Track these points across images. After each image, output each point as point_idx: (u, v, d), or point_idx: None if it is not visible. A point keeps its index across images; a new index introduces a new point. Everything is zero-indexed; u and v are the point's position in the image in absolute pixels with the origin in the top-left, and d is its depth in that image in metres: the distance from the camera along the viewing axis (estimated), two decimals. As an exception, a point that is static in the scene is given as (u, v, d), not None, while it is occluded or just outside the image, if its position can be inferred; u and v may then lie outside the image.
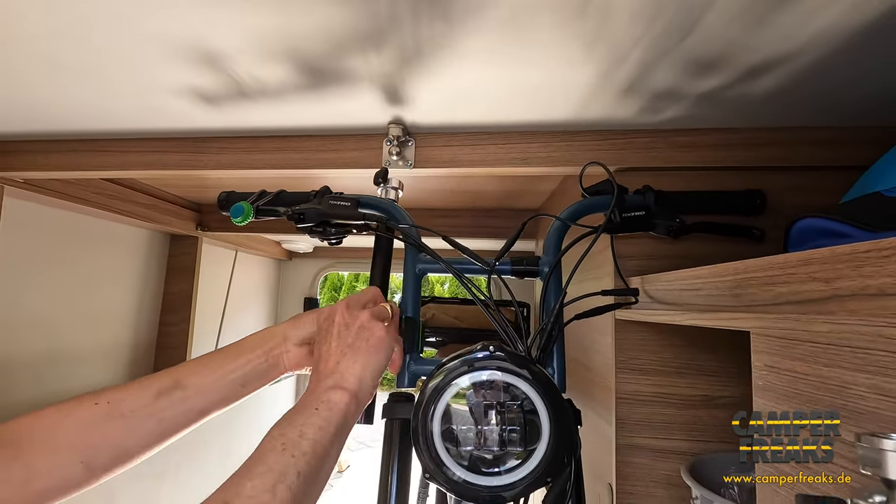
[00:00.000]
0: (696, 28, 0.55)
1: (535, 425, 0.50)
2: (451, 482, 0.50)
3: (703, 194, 0.72)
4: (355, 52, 0.61)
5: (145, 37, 0.58)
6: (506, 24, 0.54)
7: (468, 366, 0.52)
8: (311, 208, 0.71)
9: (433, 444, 0.51)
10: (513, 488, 0.49)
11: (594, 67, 0.64)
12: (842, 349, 0.34)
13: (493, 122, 0.84)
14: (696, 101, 0.73)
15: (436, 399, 0.52)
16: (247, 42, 0.59)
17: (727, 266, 0.51)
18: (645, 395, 0.81)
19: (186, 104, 0.77)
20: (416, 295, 0.70)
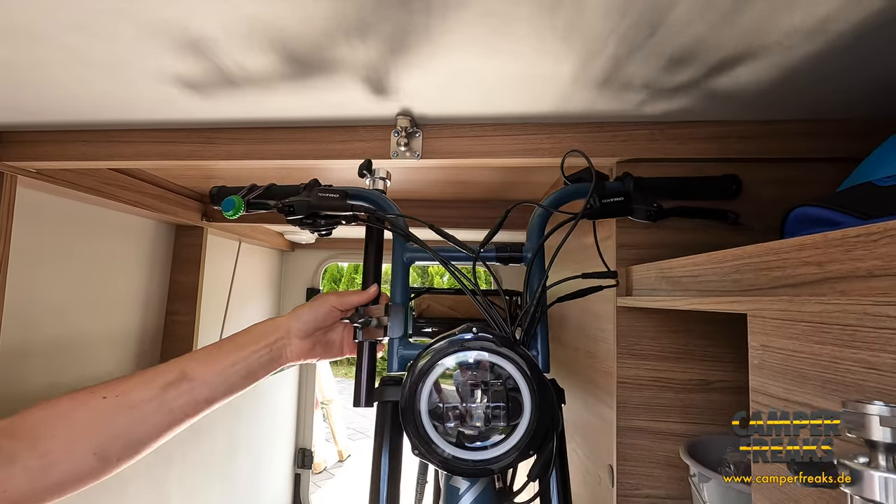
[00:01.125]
0: (663, 24, 0.56)
1: (518, 402, 0.53)
2: (439, 458, 0.53)
3: (680, 180, 0.74)
4: (345, 42, 0.62)
5: (151, 27, 0.60)
6: (486, 16, 0.56)
7: (454, 346, 0.54)
8: (301, 201, 0.73)
9: (421, 422, 0.53)
10: (498, 461, 0.52)
11: (569, 64, 0.66)
12: (832, 327, 0.36)
13: (498, 113, 0.86)
14: (691, 96, 0.76)
15: (423, 379, 0.54)
16: (250, 34, 0.61)
17: (726, 253, 0.54)
18: (645, 379, 0.84)
19: (194, 95, 0.79)
20: (404, 283, 0.72)
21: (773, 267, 0.46)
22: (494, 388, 0.54)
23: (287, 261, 2.72)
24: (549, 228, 0.70)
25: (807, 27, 0.57)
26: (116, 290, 1.50)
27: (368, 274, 0.74)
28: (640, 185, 0.71)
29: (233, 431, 2.05)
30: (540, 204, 0.71)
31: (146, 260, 1.63)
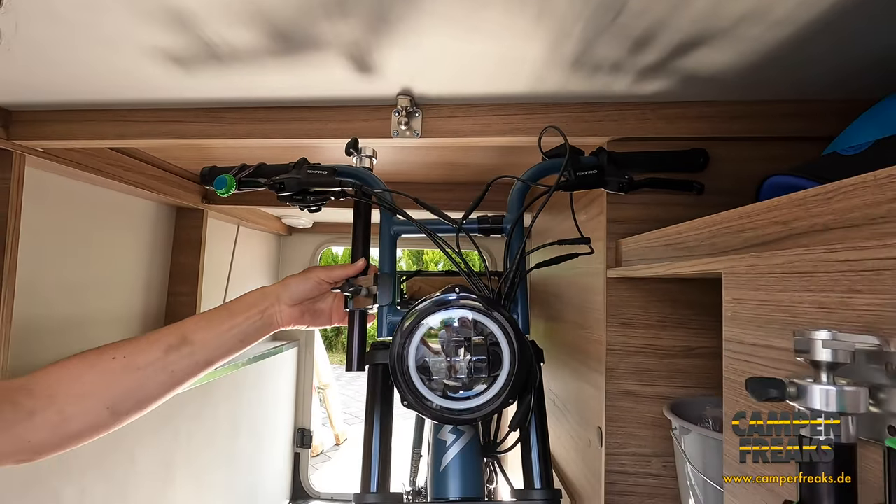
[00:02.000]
0: (625, 8, 0.60)
1: (498, 355, 0.57)
2: (428, 409, 0.57)
3: (651, 154, 0.78)
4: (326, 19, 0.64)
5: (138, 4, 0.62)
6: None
7: (437, 306, 0.58)
8: (291, 178, 0.76)
9: (409, 376, 0.57)
10: (481, 409, 0.56)
11: (541, 45, 0.70)
12: (792, 276, 0.41)
13: (489, 93, 0.90)
14: (673, 77, 0.80)
15: (410, 336, 0.58)
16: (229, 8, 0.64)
17: (705, 219, 0.58)
18: (632, 346, 0.89)
19: (193, 74, 0.82)
20: (392, 254, 0.76)
21: (747, 228, 0.51)
22: (476, 343, 0.58)
23: (284, 245, 2.75)
24: (528, 202, 0.74)
25: (753, 14, 0.61)
26: (120, 271, 1.53)
27: (357, 247, 0.78)
28: (614, 158, 0.75)
29: (235, 412, 2.10)
30: (518, 178, 0.74)
31: (148, 242, 1.66)
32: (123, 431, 1.40)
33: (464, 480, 0.67)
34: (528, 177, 0.76)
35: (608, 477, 0.89)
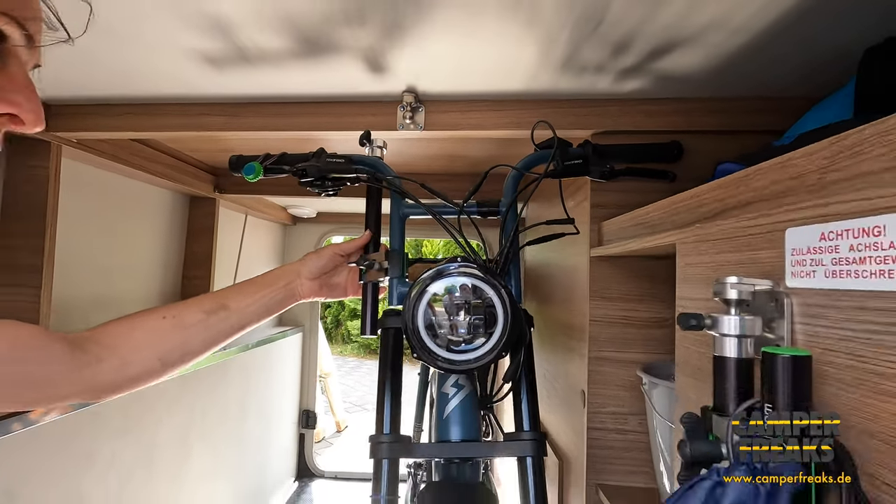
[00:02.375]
0: (604, 19, 0.71)
1: (494, 315, 0.67)
2: (435, 360, 0.67)
3: (632, 146, 0.88)
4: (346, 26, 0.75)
5: (179, 9, 0.72)
6: (464, 8, 0.70)
7: (442, 273, 0.68)
8: (312, 165, 0.86)
9: (420, 334, 0.68)
10: (479, 360, 0.67)
11: (531, 50, 0.80)
12: (722, 241, 0.51)
13: (490, 90, 1.00)
14: (650, 77, 0.90)
15: (419, 300, 0.68)
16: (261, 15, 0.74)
17: (666, 200, 0.69)
18: (612, 317, 1.00)
19: (220, 73, 0.92)
20: (401, 233, 0.87)
21: (697, 206, 0.61)
22: (475, 304, 0.68)
23: (289, 234, 2.85)
24: (521, 188, 0.84)
25: (715, 23, 0.72)
26: (141, 256, 1.63)
27: (369, 226, 0.88)
28: (597, 150, 0.85)
29: (244, 393, 2.21)
30: (513, 167, 0.85)
31: (165, 229, 1.76)
32: (148, 405, 1.51)
33: (463, 426, 0.78)
34: (521, 165, 0.86)
35: (590, 433, 1.00)
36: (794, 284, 0.41)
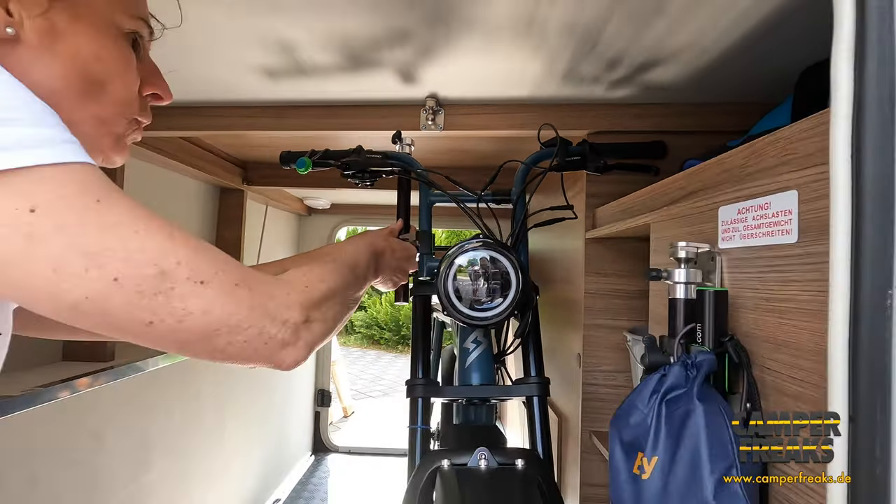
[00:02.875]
0: (599, 42, 0.88)
1: (508, 281, 0.84)
2: (460, 315, 0.84)
3: (623, 144, 1.03)
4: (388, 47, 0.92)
5: (255, 31, 0.89)
6: (485, 35, 0.87)
7: (466, 247, 0.85)
8: (354, 160, 1.03)
9: (450, 297, 0.84)
10: (496, 317, 0.83)
11: (538, 64, 0.98)
12: (681, 219, 0.69)
13: (501, 96, 1.17)
14: (638, 86, 1.07)
15: (448, 269, 0.84)
16: (324, 39, 0.91)
17: (645, 189, 0.86)
18: (604, 291, 1.18)
19: (276, 82, 1.09)
20: (428, 217, 1.04)
21: (664, 194, 0.79)
22: (492, 273, 0.85)
23: (304, 224, 3.03)
24: (528, 180, 1.02)
25: (687, 46, 0.89)
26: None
27: (400, 213, 1.06)
28: (593, 148, 1.01)
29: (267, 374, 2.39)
30: (522, 161, 1.02)
31: (198, 216, 1.94)
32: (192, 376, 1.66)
33: (481, 373, 0.96)
34: (529, 161, 1.03)
35: (584, 389, 1.18)
36: (723, 246, 0.58)
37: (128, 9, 0.46)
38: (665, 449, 0.48)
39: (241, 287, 0.37)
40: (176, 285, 0.34)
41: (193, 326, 0.35)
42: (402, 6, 0.78)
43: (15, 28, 0.38)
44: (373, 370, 7.77)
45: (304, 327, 0.41)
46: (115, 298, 0.31)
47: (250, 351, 0.38)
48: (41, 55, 0.39)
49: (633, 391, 0.55)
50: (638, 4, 0.75)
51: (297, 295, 0.42)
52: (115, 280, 0.31)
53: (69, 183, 0.31)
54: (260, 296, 0.38)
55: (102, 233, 0.31)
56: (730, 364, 0.52)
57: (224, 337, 0.36)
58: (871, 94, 0.29)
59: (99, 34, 0.43)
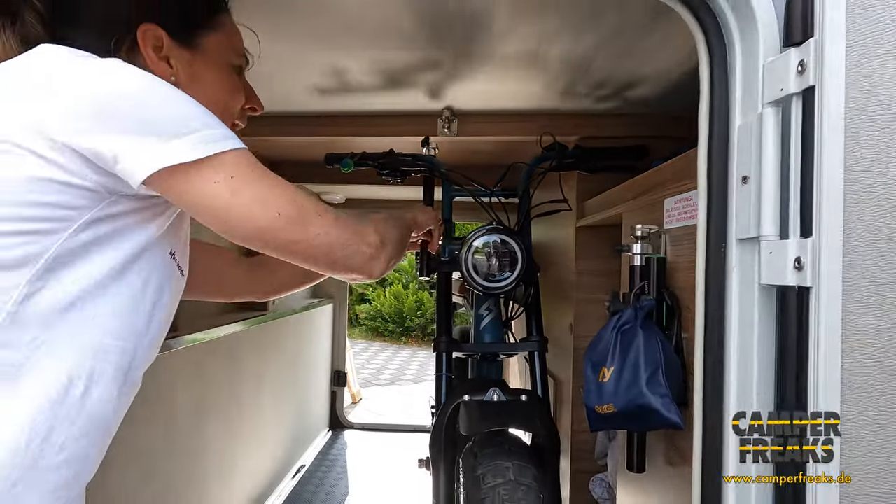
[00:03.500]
0: (589, 69, 1.12)
1: (515, 259, 1.08)
2: (477, 285, 1.08)
3: (610, 148, 1.26)
4: (423, 71, 1.16)
5: (316, 61, 1.13)
6: (498, 64, 1.10)
7: (480, 231, 1.09)
8: (388, 161, 1.26)
9: (469, 270, 1.09)
10: (505, 287, 1.07)
11: (540, 84, 1.22)
12: (643, 209, 0.93)
13: (508, 108, 1.40)
14: (623, 100, 1.30)
15: (469, 249, 1.09)
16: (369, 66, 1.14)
17: (620, 186, 1.10)
18: (591, 270, 1.41)
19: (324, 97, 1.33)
20: (449, 209, 1.28)
21: (632, 189, 1.03)
22: (503, 252, 1.09)
23: (322, 218, 3.26)
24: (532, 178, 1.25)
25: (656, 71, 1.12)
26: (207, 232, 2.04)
27: (427, 204, 1.29)
28: (586, 151, 1.25)
29: (295, 351, 2.64)
30: (527, 163, 1.25)
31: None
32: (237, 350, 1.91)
33: (492, 334, 1.20)
34: (533, 162, 1.26)
35: (575, 353, 1.42)
36: (667, 227, 0.82)
37: (236, 50, 0.67)
38: (618, 362, 0.72)
39: (340, 219, 0.57)
40: (308, 216, 0.53)
41: (321, 243, 0.54)
42: (435, 43, 1.02)
43: (176, 77, 0.60)
44: (378, 360, 8.01)
45: (382, 248, 0.60)
46: (278, 226, 0.51)
47: (352, 262, 0.57)
48: (190, 92, 0.56)
49: (600, 329, 0.79)
50: (614, 48, 0.99)
51: (373, 226, 0.61)
52: (278, 214, 0.51)
53: (245, 160, 0.52)
54: (354, 225, 0.58)
55: (267, 188, 0.52)
56: (667, 308, 0.76)
57: (338, 251, 0.56)
58: (718, 133, 0.52)
59: (222, 72, 0.65)
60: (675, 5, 0.53)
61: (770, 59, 0.46)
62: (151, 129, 0.48)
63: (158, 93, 0.50)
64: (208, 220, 0.53)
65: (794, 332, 0.41)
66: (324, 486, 2.45)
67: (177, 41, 0.59)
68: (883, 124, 0.40)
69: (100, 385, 0.50)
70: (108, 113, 0.47)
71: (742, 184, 0.49)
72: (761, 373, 0.46)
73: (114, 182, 0.49)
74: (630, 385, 0.68)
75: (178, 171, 0.48)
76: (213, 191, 0.50)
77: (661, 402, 0.64)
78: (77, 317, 0.48)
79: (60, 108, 0.46)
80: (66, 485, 0.48)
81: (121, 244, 0.51)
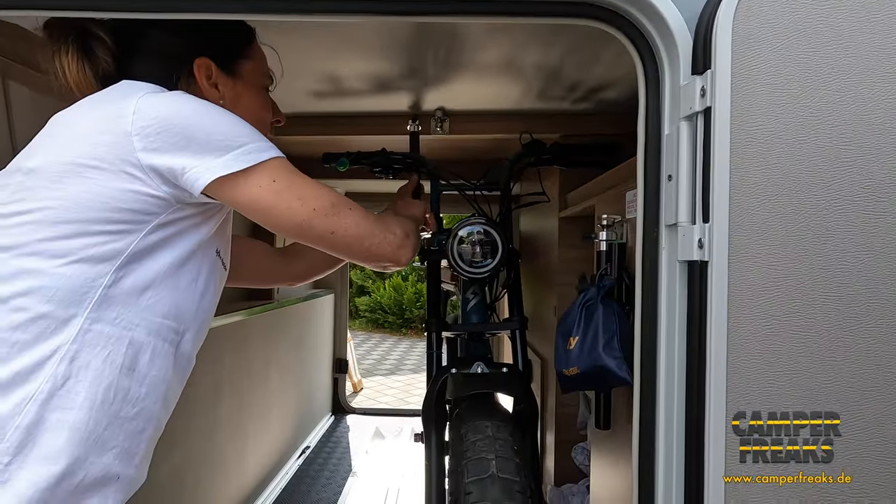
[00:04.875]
0: (559, 75, 1.23)
1: (496, 248, 1.20)
2: (462, 271, 1.20)
3: (584, 144, 1.36)
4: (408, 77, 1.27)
5: (325, 73, 1.24)
6: (480, 69, 1.22)
7: (466, 223, 1.21)
8: (381, 160, 1.37)
9: (456, 256, 1.20)
10: (487, 272, 1.18)
11: (520, 87, 1.33)
12: (611, 201, 1.04)
13: (492, 108, 1.52)
14: (596, 102, 1.42)
15: (455, 238, 1.20)
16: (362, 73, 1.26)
17: (594, 181, 1.22)
18: (572, 257, 1.54)
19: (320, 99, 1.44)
20: (437, 201, 1.38)
21: (602, 182, 1.15)
22: (485, 241, 1.21)
23: (321, 211, 3.38)
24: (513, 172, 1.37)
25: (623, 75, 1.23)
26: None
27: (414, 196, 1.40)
28: (563, 148, 1.36)
29: (298, 338, 2.76)
30: (508, 159, 1.36)
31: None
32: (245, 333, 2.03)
33: (478, 315, 1.32)
34: (513, 158, 1.37)
35: (559, 332, 1.55)
36: (628, 216, 0.94)
37: (265, 73, 0.79)
38: (582, 332, 0.84)
39: (367, 215, 0.68)
40: (341, 210, 0.64)
41: (354, 233, 0.65)
42: (421, 53, 1.13)
43: (224, 100, 0.71)
44: (378, 351, 8.16)
45: (407, 238, 0.72)
46: (315, 219, 0.62)
47: (383, 251, 0.68)
48: (234, 111, 0.68)
49: (570, 305, 0.92)
50: (580, 56, 1.10)
51: (395, 223, 0.73)
52: (314, 210, 0.63)
53: (284, 166, 0.63)
54: (378, 219, 0.70)
55: (303, 187, 0.63)
56: (626, 287, 0.88)
57: (368, 240, 0.67)
58: (651, 139, 0.64)
59: (256, 93, 0.77)
60: (620, 36, 0.64)
61: (685, 82, 0.57)
62: (209, 147, 0.59)
63: (213, 117, 0.62)
64: (258, 217, 0.64)
65: (698, 294, 0.53)
66: (328, 466, 2.59)
67: (223, 70, 0.71)
68: (760, 136, 0.52)
69: (159, 357, 0.62)
70: (176, 135, 0.58)
71: (668, 181, 0.61)
72: (680, 330, 0.59)
73: (180, 192, 0.60)
74: (590, 350, 0.80)
75: (230, 178, 0.59)
76: (258, 193, 0.61)
77: (615, 363, 0.76)
78: (146, 302, 0.60)
79: (142, 134, 0.58)
80: (139, 432, 0.61)
81: (179, 244, 0.63)
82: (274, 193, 0.61)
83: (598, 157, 1.38)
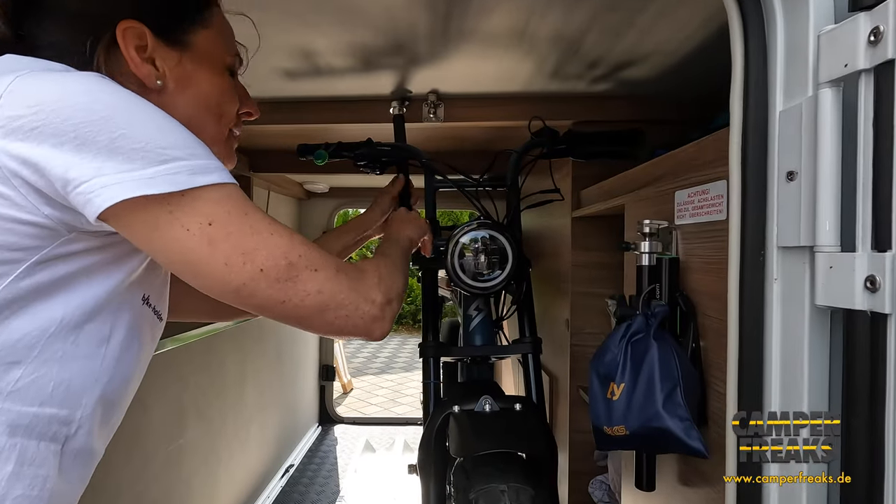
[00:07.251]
0: (580, 49, 1.02)
1: (505, 257, 0.99)
2: (464, 285, 0.99)
3: (604, 132, 1.13)
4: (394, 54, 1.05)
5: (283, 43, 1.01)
6: (483, 42, 1.00)
7: (467, 228, 1.00)
8: (366, 152, 1.15)
9: (456, 270, 0.99)
10: (496, 286, 0.98)
11: (529, 65, 1.12)
12: (647, 201, 0.84)
13: (496, 91, 1.30)
14: (618, 82, 1.21)
15: (455, 246, 0.99)
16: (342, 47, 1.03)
17: (620, 175, 1.02)
18: (588, 262, 1.33)
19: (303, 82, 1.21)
20: (433, 203, 1.17)
21: (637, 178, 0.94)
22: (491, 249, 1.00)
23: (304, 208, 3.14)
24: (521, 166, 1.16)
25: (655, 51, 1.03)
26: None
27: (404, 194, 1.19)
28: (578, 137, 1.14)
29: (280, 346, 2.54)
30: (515, 150, 1.15)
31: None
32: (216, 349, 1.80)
33: (483, 336, 1.11)
34: (521, 149, 1.16)
35: (572, 349, 1.35)
36: (678, 222, 0.74)
37: (228, 49, 0.58)
38: (629, 378, 0.64)
39: (340, 273, 0.48)
40: (299, 273, 0.45)
41: (312, 304, 0.46)
42: (411, 23, 0.91)
43: (162, 80, 0.50)
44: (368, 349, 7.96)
45: (387, 305, 0.52)
46: (261, 283, 0.43)
47: (350, 324, 0.49)
48: (179, 97, 0.50)
49: (607, 337, 0.71)
50: (614, 19, 0.89)
51: (377, 278, 0.52)
52: (261, 270, 0.43)
53: (229, 201, 0.43)
54: (354, 280, 0.49)
55: (252, 237, 0.43)
56: (681, 314, 0.68)
57: (332, 312, 0.47)
58: (755, 120, 0.44)
59: (213, 73, 0.55)
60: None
61: (827, 27, 0.37)
62: (117, 151, 0.39)
63: (132, 112, 0.41)
64: (178, 270, 0.44)
65: (865, 367, 0.33)
66: (313, 487, 2.38)
67: (163, 40, 0.50)
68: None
69: (29, 464, 0.40)
70: (65, 131, 0.38)
71: (787, 181, 0.40)
72: (812, 409, 0.38)
73: (72, 216, 0.40)
74: (644, 406, 0.60)
75: (142, 206, 0.39)
76: (183, 240, 0.41)
77: (682, 426, 0.56)
78: (10, 385, 0.40)
79: (9, 127, 0.37)
80: None
81: (78, 291, 0.42)
82: (207, 242, 0.41)
83: (621, 147, 1.17)
